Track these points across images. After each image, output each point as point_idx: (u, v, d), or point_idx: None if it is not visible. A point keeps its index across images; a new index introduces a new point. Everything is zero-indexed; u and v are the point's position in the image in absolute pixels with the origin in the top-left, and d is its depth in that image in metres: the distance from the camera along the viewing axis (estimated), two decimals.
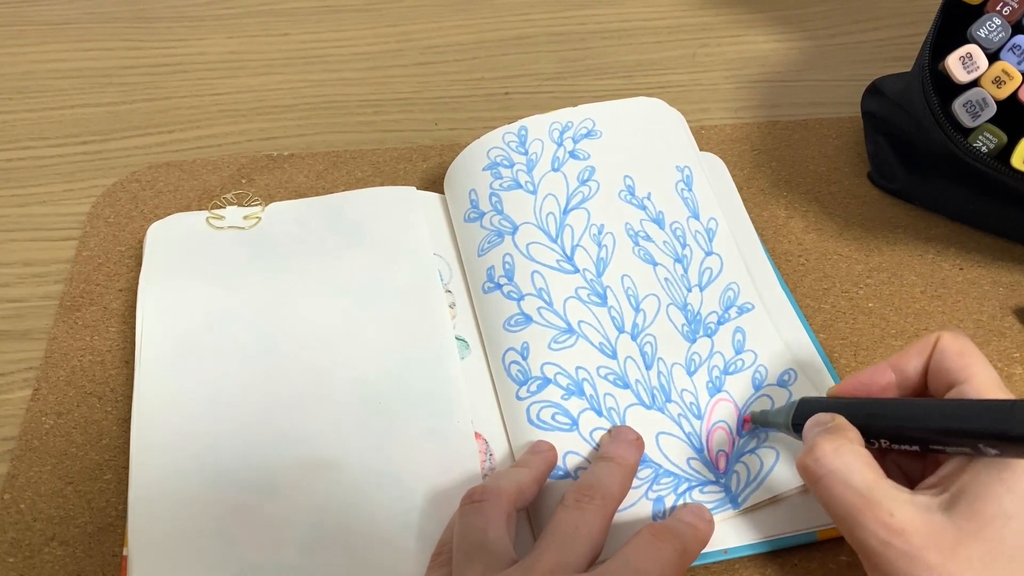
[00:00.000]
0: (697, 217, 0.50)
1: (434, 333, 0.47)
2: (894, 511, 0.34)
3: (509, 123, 0.54)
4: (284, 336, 0.47)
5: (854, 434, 0.36)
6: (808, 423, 0.38)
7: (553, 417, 0.43)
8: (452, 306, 0.49)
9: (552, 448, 0.42)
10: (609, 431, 0.43)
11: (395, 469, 0.42)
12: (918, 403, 0.36)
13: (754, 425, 0.43)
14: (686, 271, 0.48)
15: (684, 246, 0.49)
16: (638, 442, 0.41)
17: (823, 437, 0.36)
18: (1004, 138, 0.48)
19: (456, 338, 0.47)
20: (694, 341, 0.46)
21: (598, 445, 0.42)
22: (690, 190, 0.51)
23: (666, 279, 0.48)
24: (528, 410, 0.44)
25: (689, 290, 0.47)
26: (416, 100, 0.64)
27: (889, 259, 0.53)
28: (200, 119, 0.62)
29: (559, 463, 0.42)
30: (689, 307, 0.47)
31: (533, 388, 0.44)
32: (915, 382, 0.38)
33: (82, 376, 0.47)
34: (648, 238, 0.49)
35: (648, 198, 0.50)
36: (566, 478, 0.41)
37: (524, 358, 0.45)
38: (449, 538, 0.38)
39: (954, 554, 0.32)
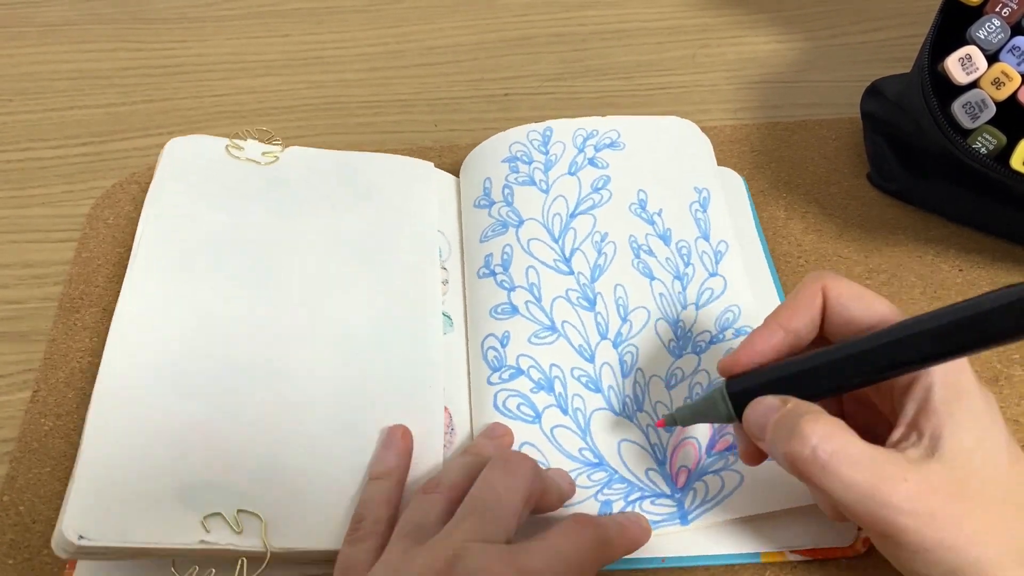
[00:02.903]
0: (707, 238, 0.50)
1: (422, 302, 0.48)
2: (906, 475, 0.33)
3: (509, 124, 0.55)
4: (279, 273, 0.47)
5: (818, 409, 0.35)
6: (755, 411, 0.36)
7: (518, 407, 0.44)
8: (445, 283, 0.50)
9: (508, 433, 0.43)
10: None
11: (359, 423, 0.43)
12: (880, 345, 0.35)
13: (670, 425, 0.40)
14: (684, 289, 0.48)
15: (687, 265, 0.49)
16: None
17: (807, 419, 0.34)
18: (1003, 139, 0.48)
19: (442, 313, 0.48)
20: (679, 357, 0.46)
21: (559, 443, 0.43)
22: (704, 212, 0.51)
23: (661, 294, 0.48)
24: (496, 396, 0.44)
25: (684, 308, 0.47)
26: (416, 101, 0.64)
27: (889, 260, 0.53)
28: (200, 120, 0.62)
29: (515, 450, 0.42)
30: (680, 324, 0.47)
31: (505, 376, 0.45)
32: (808, 336, 0.37)
33: (81, 378, 0.47)
34: (650, 252, 0.49)
35: (659, 214, 0.51)
36: None
37: (503, 346, 0.46)
38: (364, 513, 0.38)
39: (964, 500, 0.33)
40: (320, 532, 0.39)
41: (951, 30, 0.50)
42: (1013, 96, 0.48)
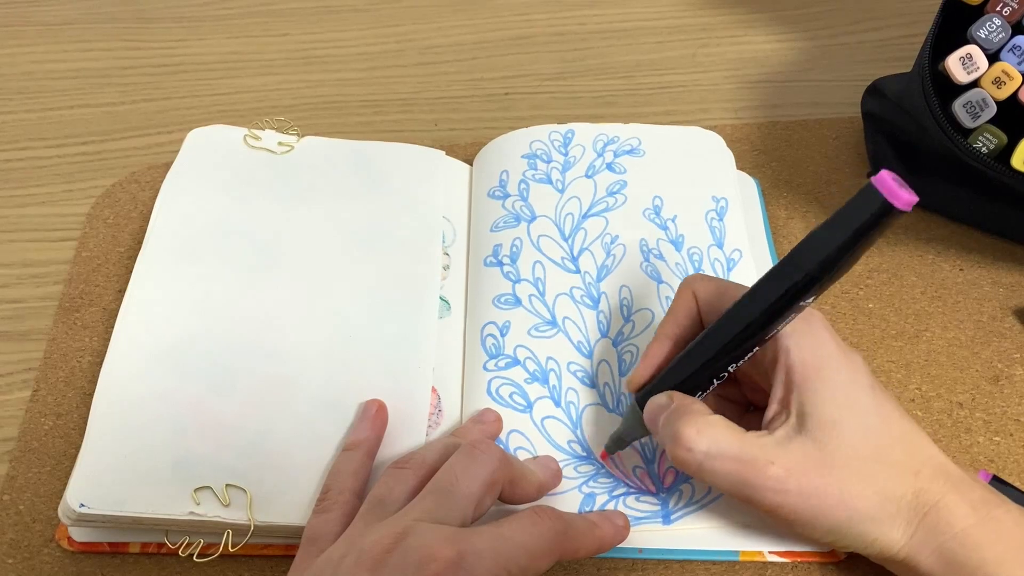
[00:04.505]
0: (721, 247, 0.50)
1: (420, 286, 0.49)
2: (772, 459, 0.36)
3: (509, 123, 0.55)
4: (282, 257, 0.49)
5: (700, 406, 0.38)
6: (648, 414, 0.39)
7: (511, 396, 0.45)
8: (446, 268, 0.50)
9: (498, 420, 0.43)
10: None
11: (344, 401, 0.44)
12: (724, 321, 0.37)
13: (611, 452, 0.42)
14: None
15: (698, 270, 0.49)
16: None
17: (681, 423, 0.37)
18: (1004, 139, 0.48)
19: (440, 298, 0.49)
20: None
21: (548, 434, 0.44)
22: (721, 221, 0.51)
23: (667, 297, 0.48)
24: (490, 382, 0.45)
25: None
26: (416, 100, 0.64)
27: (889, 260, 0.53)
28: (200, 120, 0.62)
29: (502, 437, 0.43)
30: None
31: (501, 364, 0.46)
32: (692, 335, 0.40)
33: (81, 377, 0.47)
34: (660, 257, 0.49)
35: (672, 220, 0.51)
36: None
37: (502, 335, 0.46)
38: (331, 484, 0.40)
39: (830, 470, 0.36)
40: (302, 507, 0.40)
41: (951, 29, 0.50)
42: (1014, 95, 0.48)
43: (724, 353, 0.37)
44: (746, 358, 0.38)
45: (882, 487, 0.36)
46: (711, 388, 0.39)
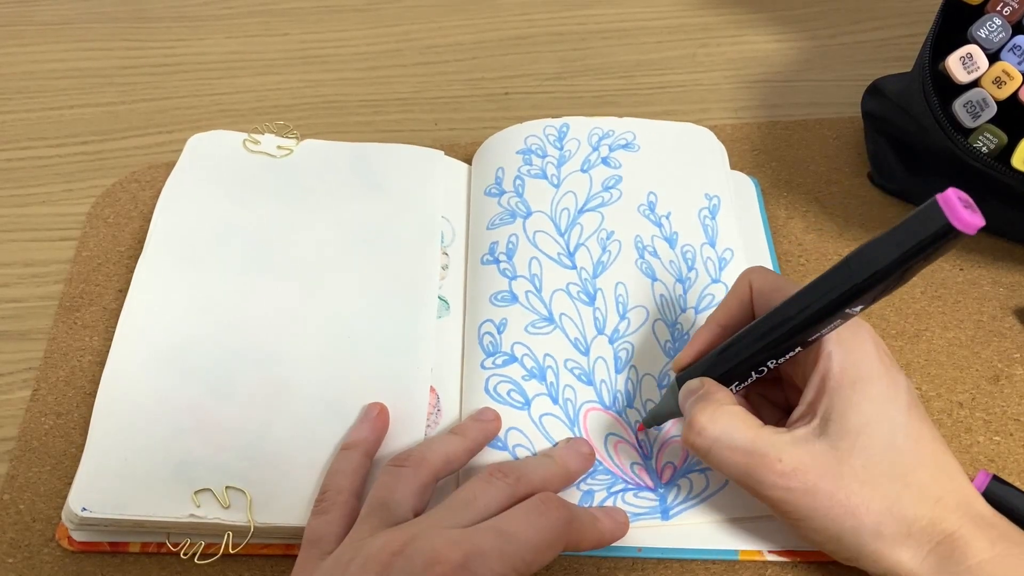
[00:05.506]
0: (713, 245, 0.50)
1: (418, 286, 0.49)
2: (781, 456, 0.36)
3: (509, 122, 0.55)
4: (281, 260, 0.49)
5: (724, 394, 0.38)
6: (681, 396, 0.39)
7: (509, 393, 0.45)
8: (445, 268, 0.50)
9: (497, 418, 0.43)
10: (567, 439, 0.43)
11: (343, 402, 0.44)
12: (770, 316, 0.37)
13: (648, 426, 0.43)
14: (685, 293, 0.48)
15: (691, 269, 0.49)
16: (588, 456, 0.42)
17: (697, 409, 0.37)
18: (1004, 138, 0.48)
19: (439, 297, 0.49)
20: (674, 358, 0.46)
21: (546, 431, 0.43)
22: (713, 219, 0.51)
23: (661, 295, 0.48)
24: (488, 380, 0.45)
25: (683, 311, 0.48)
26: (416, 100, 0.64)
27: None
28: (200, 119, 0.62)
29: (500, 435, 0.43)
30: (678, 326, 0.47)
31: (499, 362, 0.46)
32: (742, 325, 0.40)
33: (81, 376, 0.47)
34: (655, 254, 0.49)
35: (667, 217, 0.51)
36: (503, 450, 0.43)
37: (499, 332, 0.47)
38: (329, 484, 0.40)
39: (841, 476, 0.35)
40: (301, 508, 0.40)
41: (952, 29, 0.50)
42: (1014, 95, 0.48)
43: (765, 348, 0.37)
44: (786, 356, 0.37)
45: (893, 505, 0.35)
46: (749, 381, 0.39)
